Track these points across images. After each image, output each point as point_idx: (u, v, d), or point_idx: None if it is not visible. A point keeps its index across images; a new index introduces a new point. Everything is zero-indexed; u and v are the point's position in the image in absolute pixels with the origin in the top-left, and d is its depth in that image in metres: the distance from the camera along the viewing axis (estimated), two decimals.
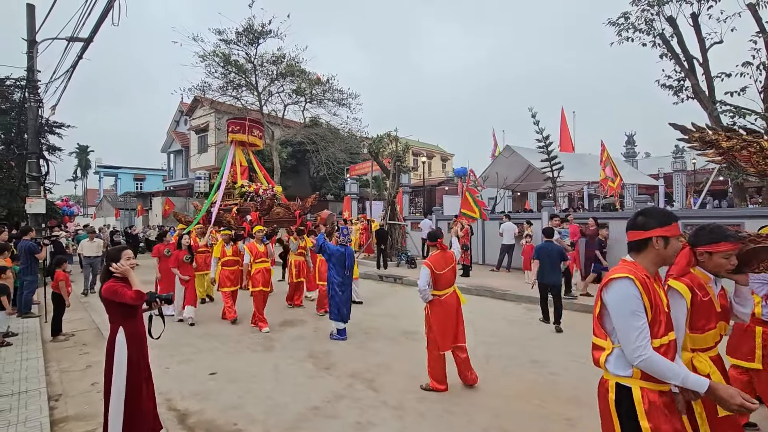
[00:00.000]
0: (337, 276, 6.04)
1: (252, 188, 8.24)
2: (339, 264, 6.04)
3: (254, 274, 6.69)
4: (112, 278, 3.06)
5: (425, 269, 4.24)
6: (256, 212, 7.65)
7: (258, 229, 7.12)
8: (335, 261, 6.04)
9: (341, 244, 6.22)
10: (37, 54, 10.31)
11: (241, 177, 9.09)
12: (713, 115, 10.15)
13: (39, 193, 10.52)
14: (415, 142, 35.57)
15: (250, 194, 8.20)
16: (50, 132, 16.30)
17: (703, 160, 18.10)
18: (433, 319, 4.24)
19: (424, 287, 4.22)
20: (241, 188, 8.29)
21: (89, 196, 48.89)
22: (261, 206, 7.98)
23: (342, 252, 6.09)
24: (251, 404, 4.01)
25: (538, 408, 3.85)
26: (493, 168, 17.22)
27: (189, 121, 29.91)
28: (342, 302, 5.98)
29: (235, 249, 7.38)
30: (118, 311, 3.05)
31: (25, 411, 3.76)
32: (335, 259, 6.04)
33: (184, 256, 7.07)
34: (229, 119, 8.40)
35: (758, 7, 9.50)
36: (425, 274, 4.23)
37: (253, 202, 8.02)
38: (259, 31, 19.71)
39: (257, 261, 6.74)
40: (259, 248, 6.83)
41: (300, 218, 8.42)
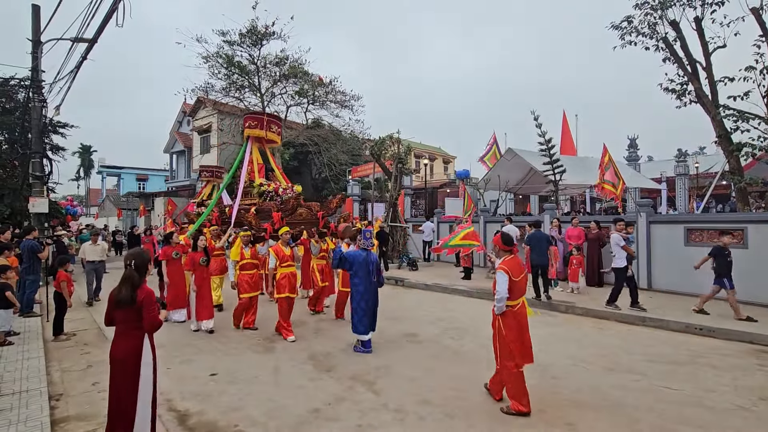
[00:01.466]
0: (361, 284, 5.56)
1: (271, 187, 7.78)
2: (362, 270, 5.57)
3: (280, 279, 6.19)
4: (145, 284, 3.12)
5: (503, 275, 3.78)
6: (278, 213, 7.15)
7: (284, 231, 6.57)
8: (358, 267, 5.57)
9: (363, 248, 5.71)
10: (42, 54, 10.37)
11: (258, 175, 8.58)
12: (716, 119, 10.12)
13: (42, 192, 10.57)
14: (417, 144, 35.58)
15: (270, 193, 7.74)
16: (54, 132, 16.39)
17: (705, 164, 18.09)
18: (509, 333, 3.84)
19: (504, 295, 3.77)
20: (260, 187, 7.81)
21: (92, 196, 49.01)
22: (284, 207, 7.47)
23: (364, 257, 5.61)
24: (252, 406, 4.01)
25: (539, 412, 3.84)
26: (494, 171, 17.22)
27: (192, 122, 30.00)
28: (366, 313, 5.52)
29: (253, 252, 6.89)
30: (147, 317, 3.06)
31: (26, 410, 3.76)
32: (358, 265, 5.58)
33: (200, 259, 6.59)
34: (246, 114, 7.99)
35: (762, 11, 9.48)
36: (504, 281, 3.78)
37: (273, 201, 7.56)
38: (263, 33, 19.77)
39: (283, 265, 6.22)
40: (285, 251, 6.31)
41: (323, 220, 7.92)
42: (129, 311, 2.99)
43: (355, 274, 5.60)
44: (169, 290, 7.13)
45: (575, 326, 6.90)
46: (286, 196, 7.78)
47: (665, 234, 9.14)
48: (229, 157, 25.03)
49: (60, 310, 6.37)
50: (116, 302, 3.01)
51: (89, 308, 8.44)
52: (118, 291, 3.02)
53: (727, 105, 9.92)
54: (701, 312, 6.94)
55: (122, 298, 2.97)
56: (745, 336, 5.95)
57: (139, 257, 3.10)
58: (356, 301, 5.58)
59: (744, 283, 7.50)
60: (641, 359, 5.25)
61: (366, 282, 5.57)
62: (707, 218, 9.42)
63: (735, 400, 4.06)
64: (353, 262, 5.59)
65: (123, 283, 3.01)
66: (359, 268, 5.57)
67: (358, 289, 5.59)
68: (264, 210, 7.48)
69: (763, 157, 10.08)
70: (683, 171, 21.85)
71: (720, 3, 10.06)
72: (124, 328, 3.04)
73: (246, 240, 6.87)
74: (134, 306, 2.98)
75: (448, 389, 4.36)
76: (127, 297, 2.96)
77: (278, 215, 7.07)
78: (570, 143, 20.28)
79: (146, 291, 3.06)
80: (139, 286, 3.01)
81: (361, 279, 5.57)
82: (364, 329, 5.52)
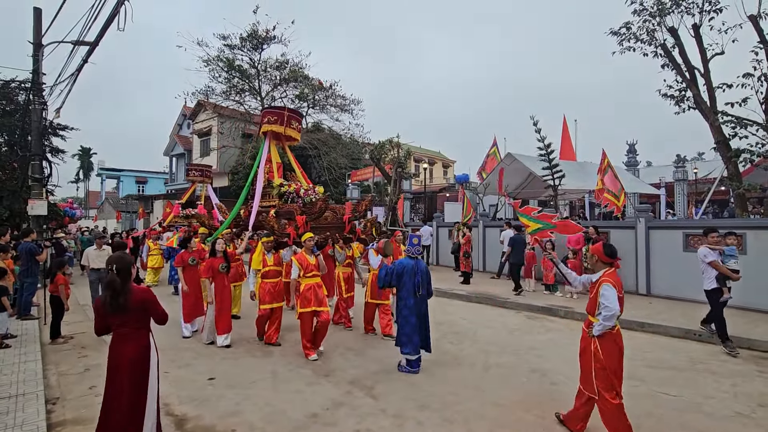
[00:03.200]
0: (409, 297, 4.97)
1: (292, 188, 7.08)
2: (410, 281, 4.97)
3: (304, 291, 5.51)
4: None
5: (611, 288, 3.23)
6: (302, 216, 6.38)
7: (308, 237, 5.79)
8: (406, 278, 5.00)
9: (411, 256, 5.14)
10: (43, 57, 10.40)
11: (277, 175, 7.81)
12: (714, 125, 10.16)
13: (41, 194, 10.55)
14: (417, 149, 35.65)
15: (291, 195, 7.02)
16: (54, 134, 16.39)
17: (704, 169, 18.19)
18: (609, 360, 3.25)
19: (617, 312, 3.20)
20: (279, 188, 7.06)
21: (91, 199, 49.00)
22: (309, 209, 6.67)
23: (413, 266, 5.03)
24: (250, 411, 3.99)
25: (538, 418, 3.83)
26: (494, 175, 17.24)
27: (192, 125, 30.05)
28: (415, 329, 4.90)
29: (277, 258, 6.27)
30: (148, 317, 3.09)
31: (22, 414, 3.74)
32: (406, 275, 5.00)
33: (219, 265, 6.03)
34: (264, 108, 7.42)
35: (759, 18, 9.55)
36: (614, 295, 3.20)
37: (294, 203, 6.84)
38: (264, 37, 19.88)
39: (307, 275, 5.57)
40: (310, 260, 5.64)
41: (349, 224, 7.14)
42: (126, 315, 2.94)
43: (402, 286, 5.02)
44: (184, 300, 6.61)
45: (574, 331, 6.86)
46: (308, 197, 7.07)
47: (664, 239, 9.15)
48: (228, 160, 25.07)
49: (57, 313, 6.35)
50: (107, 308, 2.92)
51: (87, 311, 8.40)
52: (104, 297, 2.95)
53: (725, 111, 9.96)
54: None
55: (110, 304, 2.90)
56: (744, 342, 5.94)
57: (120, 261, 3.00)
58: (403, 316, 4.96)
59: (743, 289, 7.50)
60: (640, 365, 5.24)
61: (414, 293, 4.97)
62: (706, 224, 9.43)
63: (734, 407, 4.06)
64: (402, 273, 5.00)
65: (107, 289, 2.93)
66: (407, 280, 5.01)
67: (406, 303, 4.96)
68: (286, 213, 6.72)
69: (762, 163, 10.14)
70: (682, 176, 21.89)
71: (718, 10, 10.13)
72: (126, 331, 2.99)
73: (268, 246, 6.26)
74: (129, 310, 2.93)
75: (447, 394, 4.34)
76: (114, 302, 2.88)
77: (302, 219, 6.30)
78: (570, 148, 20.32)
79: (141, 291, 3.03)
80: (123, 291, 2.91)
81: (409, 291, 4.96)
82: (413, 348, 4.89)
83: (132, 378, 2.93)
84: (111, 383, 2.95)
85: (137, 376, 2.95)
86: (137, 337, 3.00)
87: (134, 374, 2.93)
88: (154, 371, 3.06)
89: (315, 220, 6.58)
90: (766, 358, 5.48)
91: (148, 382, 2.99)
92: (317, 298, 5.50)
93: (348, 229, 7.17)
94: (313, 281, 5.59)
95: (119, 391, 2.91)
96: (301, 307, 5.46)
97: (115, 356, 2.95)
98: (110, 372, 2.96)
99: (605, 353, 3.27)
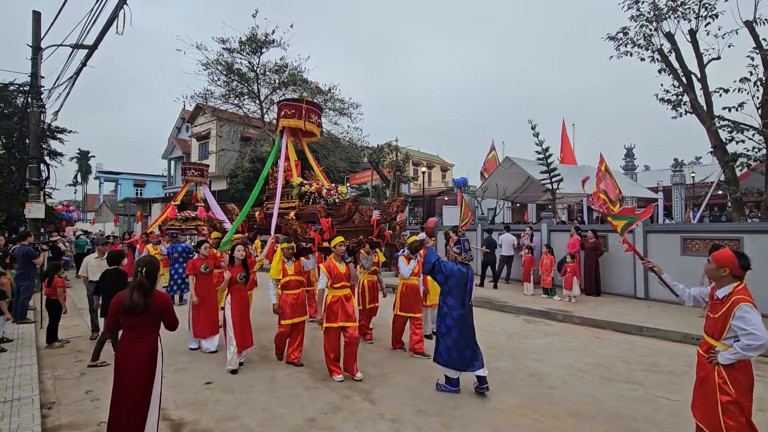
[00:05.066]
0: (457, 307, 4.48)
1: (313, 188, 6.42)
2: (459, 289, 4.50)
3: (331, 303, 4.88)
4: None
5: (754, 312, 2.69)
6: (327, 218, 5.70)
7: (338, 242, 5.10)
8: (454, 284, 4.50)
9: (462, 263, 4.64)
10: (42, 60, 10.41)
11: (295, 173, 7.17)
12: (711, 129, 10.22)
13: (39, 197, 10.53)
14: (415, 152, 35.74)
15: (313, 195, 6.38)
16: (52, 137, 16.40)
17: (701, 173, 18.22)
18: (739, 392, 2.70)
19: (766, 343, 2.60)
20: (300, 188, 6.40)
21: (89, 202, 48.91)
22: (337, 211, 5.95)
23: (464, 273, 4.53)
24: (247, 415, 3.97)
25: (536, 422, 3.82)
26: (492, 179, 17.29)
27: (190, 128, 30.07)
28: (457, 343, 4.40)
29: (297, 266, 5.59)
30: (159, 322, 3.18)
31: (17, 419, 3.71)
32: (454, 281, 4.50)
33: (237, 274, 5.34)
34: (281, 101, 6.94)
35: (755, 24, 9.63)
36: (758, 320, 2.67)
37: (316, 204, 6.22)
38: (263, 41, 19.93)
39: (336, 285, 4.91)
40: (340, 268, 4.99)
41: (378, 227, 6.43)
42: (143, 316, 3.05)
43: (449, 292, 4.53)
44: (194, 314, 5.94)
45: (573, 335, 6.89)
46: (331, 198, 6.45)
47: (662, 243, 9.17)
48: (227, 163, 25.07)
49: (54, 317, 6.32)
50: (128, 309, 3.00)
51: (84, 315, 8.35)
52: (129, 298, 3.01)
53: (721, 116, 10.03)
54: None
55: (135, 305, 2.99)
56: None
57: (150, 265, 3.15)
58: (446, 326, 4.48)
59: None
60: (639, 369, 5.24)
61: (462, 304, 4.50)
62: (703, 228, 9.47)
63: None
64: (449, 275, 4.52)
65: (135, 290, 3.03)
66: (455, 286, 4.49)
67: (451, 314, 4.48)
68: (305, 215, 6.04)
69: (758, 167, 10.17)
70: (680, 180, 21.99)
71: (714, 16, 10.22)
72: (139, 333, 3.07)
73: (289, 253, 5.53)
74: (148, 312, 3.05)
75: (444, 399, 4.33)
76: (140, 303, 3.00)
77: (327, 221, 5.66)
78: (570, 152, 20.41)
79: (161, 295, 3.19)
80: (150, 294, 3.07)
81: (456, 299, 4.48)
82: (446, 360, 4.45)
83: (137, 380, 3.00)
84: (116, 385, 3.03)
85: (143, 378, 3.02)
86: (148, 340, 3.09)
87: (140, 376, 3.01)
88: (159, 375, 3.12)
89: (342, 224, 5.90)
90: (764, 362, 5.48)
91: (153, 386, 3.06)
92: (345, 313, 4.89)
93: (376, 232, 6.46)
94: (341, 293, 4.94)
95: (122, 394, 2.97)
96: (327, 322, 4.87)
97: (123, 356, 3.04)
98: (115, 373, 3.05)
99: (736, 386, 2.70)
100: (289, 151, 7.03)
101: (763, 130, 9.33)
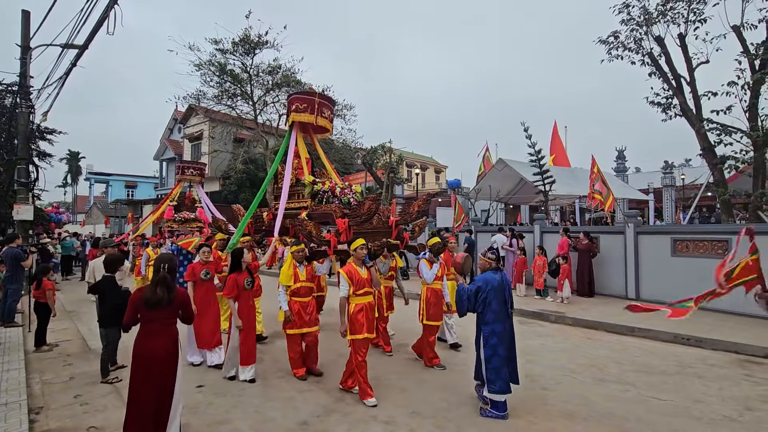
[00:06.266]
0: (497, 321, 3.96)
1: (327, 186, 5.98)
2: (497, 299, 3.99)
3: (355, 313, 4.38)
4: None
5: None
6: (344, 219, 5.22)
7: (359, 244, 4.60)
8: (493, 296, 3.99)
9: (495, 269, 4.18)
10: (31, 60, 10.28)
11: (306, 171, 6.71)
12: (700, 132, 10.37)
13: (27, 199, 10.38)
14: (409, 154, 35.82)
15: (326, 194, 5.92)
16: (41, 138, 16.15)
17: (691, 175, 18.46)
18: None
19: None
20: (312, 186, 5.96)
21: (79, 203, 48.28)
22: (355, 211, 5.46)
23: (499, 281, 4.06)
24: (239, 419, 3.93)
25: (529, 423, 3.83)
26: (486, 180, 17.37)
27: (183, 129, 29.86)
28: (504, 361, 3.94)
29: (309, 271, 5.17)
30: (176, 315, 3.41)
31: (4, 424, 3.64)
32: (493, 292, 3.99)
33: (244, 280, 4.90)
34: (292, 95, 6.48)
35: (742, 29, 9.80)
36: None
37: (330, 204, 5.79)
38: (256, 42, 19.86)
39: (359, 293, 4.44)
40: (361, 273, 4.52)
41: (396, 229, 5.89)
42: (163, 310, 3.27)
43: (487, 307, 4.00)
44: (195, 323, 5.01)
45: (565, 336, 6.93)
46: (345, 197, 5.98)
47: (652, 245, 9.26)
48: (220, 164, 24.92)
49: (42, 320, 6.22)
50: (153, 303, 3.21)
51: (73, 318, 8.25)
52: (152, 292, 3.23)
53: (710, 119, 10.17)
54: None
55: (160, 299, 3.22)
56: (731, 346, 6.02)
57: (171, 261, 3.43)
58: (490, 345, 3.96)
59: (729, 294, 7.61)
60: (630, 369, 5.28)
61: (503, 316, 4.00)
62: (693, 229, 9.58)
63: (722, 411, 4.10)
64: (487, 289, 4.00)
65: (159, 285, 3.26)
66: (493, 298, 3.98)
67: (493, 329, 3.95)
68: (318, 215, 5.58)
69: (746, 170, 10.32)
70: (670, 182, 22.28)
71: (702, 20, 10.38)
72: (159, 327, 3.27)
73: (299, 257, 5.08)
74: (171, 305, 3.29)
75: (438, 401, 4.33)
76: (165, 297, 3.24)
77: (344, 222, 5.18)
78: (563, 154, 20.58)
79: (181, 290, 3.50)
80: (172, 288, 3.32)
81: (495, 313, 3.97)
82: (504, 385, 3.90)
83: (161, 373, 3.17)
84: (139, 378, 3.14)
85: (167, 371, 3.20)
86: (169, 332, 3.30)
87: (164, 369, 3.18)
88: (180, 367, 3.32)
89: (359, 225, 5.40)
90: (753, 362, 5.56)
91: (176, 378, 3.26)
92: (369, 323, 4.43)
93: (395, 234, 5.87)
94: (365, 300, 4.49)
95: (147, 381, 3.13)
96: (352, 333, 4.36)
97: (147, 348, 3.19)
98: (137, 367, 3.17)
99: None
100: (299, 148, 6.61)
101: (750, 133, 9.48)
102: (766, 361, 5.57)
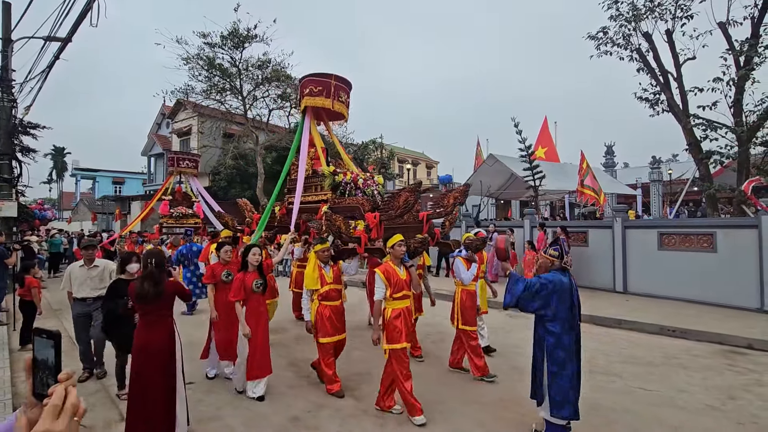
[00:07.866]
0: (564, 333, 3.32)
1: (348, 177, 5.37)
2: (564, 306, 3.33)
3: (391, 318, 3.90)
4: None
5: None
6: (374, 213, 4.67)
7: (397, 241, 4.06)
8: (558, 300, 3.31)
9: (562, 269, 3.44)
10: (12, 53, 10.02)
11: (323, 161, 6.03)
12: (687, 128, 10.51)
13: (11, 195, 10.17)
14: (401, 149, 35.79)
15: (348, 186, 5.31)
16: (24, 133, 15.80)
17: (678, 170, 18.71)
18: None
19: None
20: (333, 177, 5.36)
21: (65, 200, 47.42)
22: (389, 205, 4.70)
23: (569, 284, 3.38)
24: (230, 415, 3.92)
25: (520, 416, 3.88)
26: (476, 176, 17.44)
27: (171, 124, 29.43)
28: (574, 379, 3.35)
29: (336, 272, 4.54)
30: (172, 305, 3.49)
31: None
32: (560, 296, 3.31)
33: (253, 282, 4.30)
34: (305, 76, 5.76)
35: (728, 25, 9.93)
36: None
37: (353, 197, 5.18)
38: (245, 36, 19.59)
39: (396, 296, 3.93)
40: (400, 274, 3.99)
41: (428, 223, 5.14)
42: (156, 303, 3.32)
43: (553, 315, 3.33)
44: (217, 332, 4.80)
45: None
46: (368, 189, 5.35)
47: (640, 238, 9.41)
48: (210, 160, 24.62)
49: (28, 318, 6.12)
50: (141, 297, 3.28)
51: (60, 316, 8.11)
52: (140, 286, 3.29)
53: (696, 114, 10.32)
54: None
55: (147, 293, 3.26)
56: (715, 337, 6.16)
57: (158, 256, 3.47)
58: (557, 363, 3.30)
59: (713, 286, 7.80)
60: (617, 361, 5.37)
61: (570, 326, 3.36)
62: (679, 223, 9.75)
63: (705, 400, 4.20)
64: (551, 292, 3.30)
65: (146, 280, 3.31)
66: (559, 303, 3.31)
67: (560, 341, 3.31)
68: (343, 209, 4.97)
69: (731, 165, 10.51)
70: (657, 177, 22.58)
71: (689, 17, 10.48)
72: (153, 318, 3.33)
73: (324, 256, 4.46)
74: (161, 298, 3.34)
75: (428, 393, 4.34)
76: (151, 291, 3.27)
77: (374, 216, 4.58)
78: (552, 149, 20.71)
79: (171, 281, 3.57)
80: (161, 281, 3.35)
81: (562, 321, 3.32)
82: (572, 411, 3.28)
83: (162, 363, 3.24)
84: (141, 370, 3.20)
85: (167, 360, 3.27)
86: (164, 323, 3.38)
87: (164, 359, 3.25)
88: (180, 355, 3.40)
89: (392, 219, 4.73)
90: (736, 352, 5.69)
91: (176, 366, 3.33)
92: (408, 329, 3.98)
93: (426, 229, 5.08)
94: (403, 305, 3.97)
95: (146, 369, 3.18)
96: (389, 342, 3.86)
97: (145, 339, 3.26)
98: (138, 359, 3.23)
99: None
100: (314, 136, 5.97)
101: (735, 129, 9.64)
102: (749, 352, 5.71)
